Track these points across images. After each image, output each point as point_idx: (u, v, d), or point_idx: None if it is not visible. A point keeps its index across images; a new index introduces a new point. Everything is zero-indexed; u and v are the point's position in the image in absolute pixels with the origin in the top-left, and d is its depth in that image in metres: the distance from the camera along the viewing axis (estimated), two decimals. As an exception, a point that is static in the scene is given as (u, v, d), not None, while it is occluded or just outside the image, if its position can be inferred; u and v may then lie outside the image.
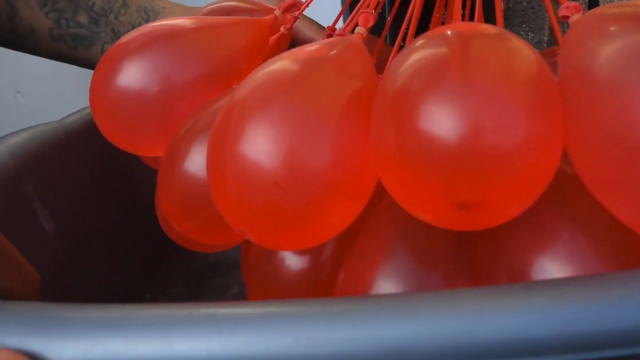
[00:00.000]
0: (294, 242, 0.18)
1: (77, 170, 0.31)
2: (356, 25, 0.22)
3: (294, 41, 0.32)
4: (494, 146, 0.15)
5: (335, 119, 0.17)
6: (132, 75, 0.23)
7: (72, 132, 0.30)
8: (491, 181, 0.15)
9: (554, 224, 0.17)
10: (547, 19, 0.47)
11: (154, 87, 0.23)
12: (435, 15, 0.29)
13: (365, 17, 0.22)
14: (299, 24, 0.33)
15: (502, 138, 0.15)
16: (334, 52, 0.19)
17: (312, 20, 0.35)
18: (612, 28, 0.16)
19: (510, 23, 0.48)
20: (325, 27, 0.30)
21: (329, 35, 0.28)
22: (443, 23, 0.29)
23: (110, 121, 0.24)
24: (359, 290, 0.18)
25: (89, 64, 0.41)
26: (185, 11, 0.38)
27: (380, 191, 0.18)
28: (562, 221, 0.17)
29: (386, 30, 0.29)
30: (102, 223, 0.32)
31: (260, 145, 0.16)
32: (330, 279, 0.20)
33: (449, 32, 0.17)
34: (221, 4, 0.30)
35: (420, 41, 0.17)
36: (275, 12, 0.26)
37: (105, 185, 0.33)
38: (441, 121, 0.15)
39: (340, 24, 0.26)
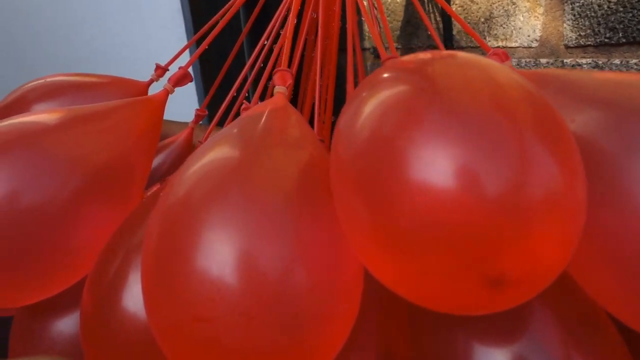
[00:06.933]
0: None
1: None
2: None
3: None
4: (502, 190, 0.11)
5: (295, 212, 0.13)
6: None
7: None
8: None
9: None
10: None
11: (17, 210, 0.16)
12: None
13: (282, 75, 0.18)
14: None
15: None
16: (268, 122, 0.15)
17: None
18: None
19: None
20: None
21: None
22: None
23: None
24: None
25: None
26: None
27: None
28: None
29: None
30: None
31: (218, 259, 0.12)
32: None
33: (401, 67, 0.14)
34: (41, 82, 0.23)
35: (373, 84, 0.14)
36: (166, 87, 0.21)
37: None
38: (437, 164, 0.11)
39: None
